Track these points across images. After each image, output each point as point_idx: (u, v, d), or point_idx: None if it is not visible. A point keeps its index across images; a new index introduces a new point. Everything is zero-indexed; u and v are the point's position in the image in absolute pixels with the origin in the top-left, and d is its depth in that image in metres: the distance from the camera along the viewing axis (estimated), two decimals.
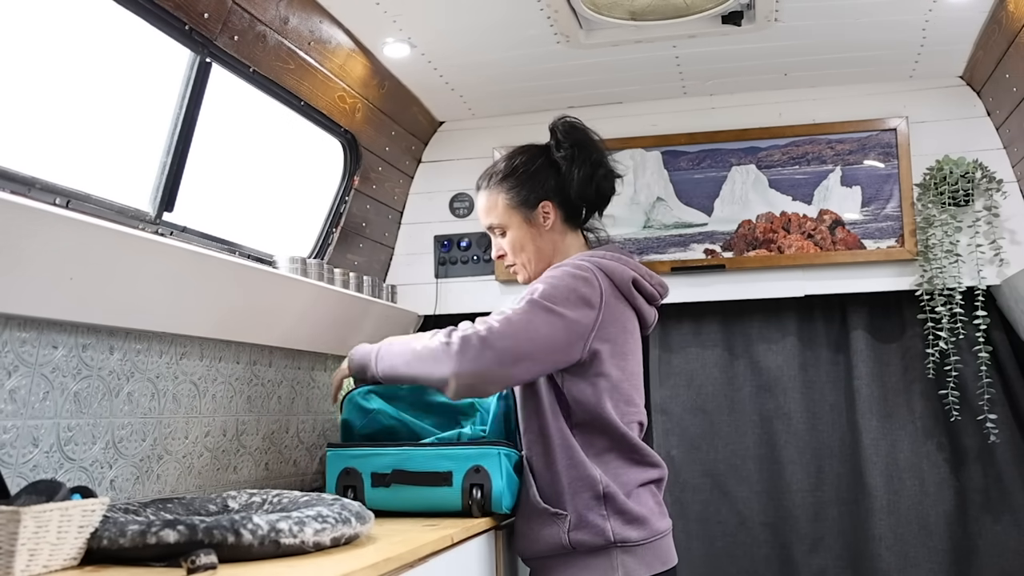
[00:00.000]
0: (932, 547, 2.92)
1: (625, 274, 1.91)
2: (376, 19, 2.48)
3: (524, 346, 1.77)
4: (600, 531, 1.81)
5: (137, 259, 1.85)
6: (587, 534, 1.82)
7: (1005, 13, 2.44)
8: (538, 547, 1.88)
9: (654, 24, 2.58)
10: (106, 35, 1.95)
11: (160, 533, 1.29)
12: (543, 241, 2.01)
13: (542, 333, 1.78)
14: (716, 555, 3.05)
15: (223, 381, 2.37)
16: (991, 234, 2.91)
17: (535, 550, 1.89)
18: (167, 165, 2.13)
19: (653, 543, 1.86)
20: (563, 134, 2.00)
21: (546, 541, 1.85)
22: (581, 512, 1.82)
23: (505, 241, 2.03)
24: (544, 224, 2.00)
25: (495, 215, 2.03)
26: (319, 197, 2.91)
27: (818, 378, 3.12)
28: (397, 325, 3.20)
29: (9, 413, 1.67)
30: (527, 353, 1.78)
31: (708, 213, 3.14)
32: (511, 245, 2.03)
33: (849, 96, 3.08)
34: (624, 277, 1.90)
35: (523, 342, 1.77)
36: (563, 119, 2.03)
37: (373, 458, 1.95)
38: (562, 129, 2.01)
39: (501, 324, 1.78)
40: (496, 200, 2.02)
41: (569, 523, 1.82)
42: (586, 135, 2.01)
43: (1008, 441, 2.92)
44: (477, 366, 1.75)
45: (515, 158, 2.05)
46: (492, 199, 2.03)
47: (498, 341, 1.75)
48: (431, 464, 1.93)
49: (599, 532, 1.81)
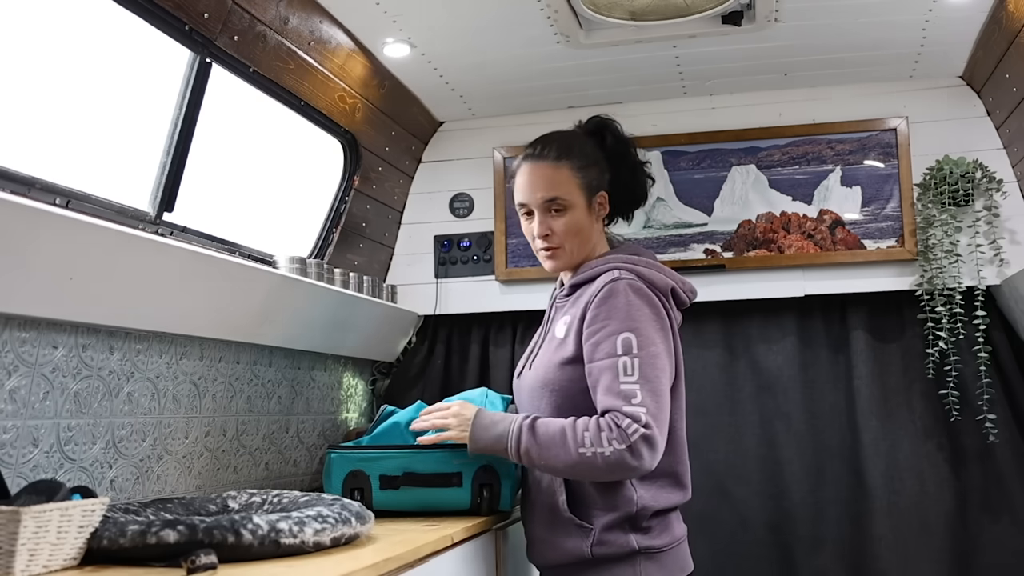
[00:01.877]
0: (932, 547, 2.92)
1: (666, 284, 1.87)
2: (376, 19, 2.48)
3: (666, 406, 1.76)
4: (624, 543, 1.80)
5: (137, 259, 1.85)
6: (611, 547, 1.80)
7: (1005, 13, 2.44)
8: (558, 556, 1.84)
9: (654, 24, 2.58)
10: (106, 35, 1.95)
11: (160, 533, 1.30)
12: (592, 232, 1.92)
13: (665, 382, 1.77)
14: (716, 555, 3.05)
15: (223, 381, 2.37)
16: (991, 234, 2.90)
17: (554, 559, 1.86)
18: (167, 165, 2.13)
19: (673, 549, 1.86)
20: (614, 134, 1.95)
21: (568, 551, 1.82)
22: (608, 527, 1.80)
23: (560, 221, 1.88)
24: (598, 214, 1.93)
25: (562, 190, 1.87)
26: (319, 197, 2.91)
27: (818, 378, 3.12)
28: (397, 325, 3.20)
29: (9, 413, 1.67)
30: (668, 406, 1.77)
31: (708, 213, 3.14)
32: (567, 227, 1.88)
33: (849, 96, 3.08)
34: (665, 288, 1.86)
35: (666, 407, 1.76)
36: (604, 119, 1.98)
37: (382, 461, 1.95)
38: (612, 130, 1.96)
39: (649, 408, 1.71)
40: (564, 175, 1.88)
41: (593, 537, 1.80)
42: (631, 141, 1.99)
43: (1008, 441, 2.92)
44: (653, 460, 1.71)
45: (575, 139, 1.94)
46: (560, 174, 1.87)
47: (660, 428, 1.71)
48: (440, 465, 1.93)
49: (623, 544, 1.80)
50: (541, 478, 1.88)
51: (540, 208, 1.88)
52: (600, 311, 1.78)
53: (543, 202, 1.88)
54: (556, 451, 1.72)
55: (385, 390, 3.32)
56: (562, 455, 1.72)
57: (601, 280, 1.83)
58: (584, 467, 1.71)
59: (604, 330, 1.77)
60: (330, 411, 2.98)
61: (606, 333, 1.76)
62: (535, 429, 1.76)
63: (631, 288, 1.80)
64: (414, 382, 3.29)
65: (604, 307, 1.78)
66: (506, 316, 3.29)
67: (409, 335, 3.33)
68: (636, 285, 1.80)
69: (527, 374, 1.93)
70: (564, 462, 1.72)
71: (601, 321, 1.78)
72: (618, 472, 1.71)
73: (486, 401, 2.04)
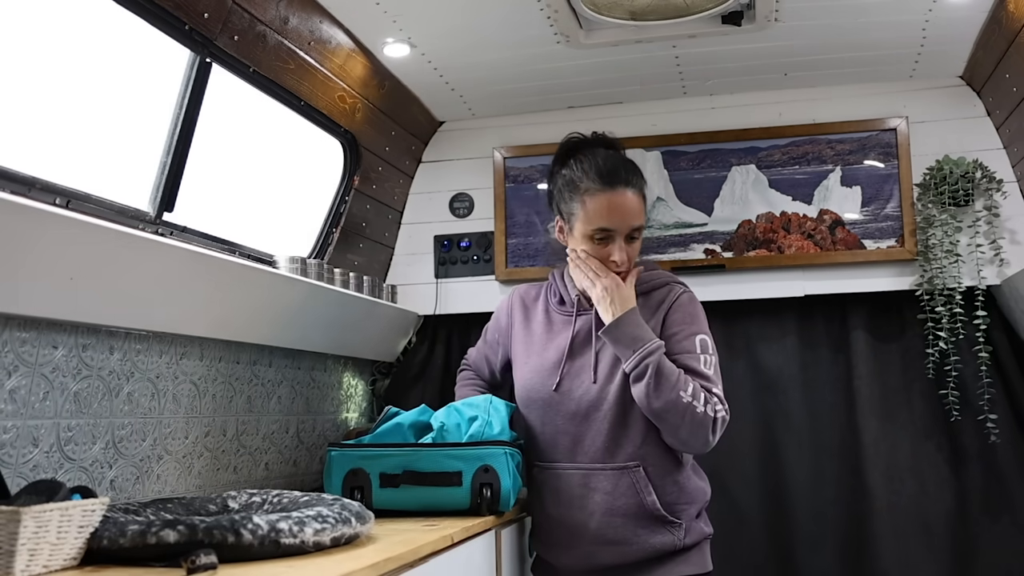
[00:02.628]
0: (932, 547, 2.91)
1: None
2: (376, 19, 2.48)
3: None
4: (702, 531, 2.05)
5: (137, 259, 1.85)
6: (695, 536, 2.02)
7: (1005, 13, 2.44)
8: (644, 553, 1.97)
9: (654, 24, 2.58)
10: (106, 35, 1.95)
11: (160, 533, 1.30)
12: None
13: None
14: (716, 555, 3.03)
15: (223, 381, 2.37)
16: (991, 234, 2.90)
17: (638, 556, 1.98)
18: (167, 165, 2.13)
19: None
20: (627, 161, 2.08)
21: (655, 547, 1.97)
22: (692, 519, 2.03)
23: (635, 246, 2.02)
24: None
25: (643, 218, 2.02)
26: (319, 197, 2.91)
27: (818, 378, 3.11)
28: (397, 325, 3.20)
29: (9, 413, 1.67)
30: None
31: (708, 213, 3.14)
32: (638, 251, 2.04)
33: (849, 96, 3.08)
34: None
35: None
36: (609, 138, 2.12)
37: (382, 459, 1.95)
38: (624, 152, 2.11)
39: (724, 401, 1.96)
40: (641, 204, 2.02)
41: (684, 530, 2.00)
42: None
43: (1008, 441, 2.92)
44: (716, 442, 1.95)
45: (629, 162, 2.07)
46: (639, 202, 2.01)
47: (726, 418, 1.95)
48: (441, 464, 1.93)
49: (702, 532, 2.05)
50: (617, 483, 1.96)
51: (626, 235, 1.99)
52: (680, 315, 2.00)
53: (632, 230, 1.99)
54: (663, 382, 1.88)
55: (385, 390, 3.32)
56: (665, 389, 1.87)
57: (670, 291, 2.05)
58: (673, 410, 1.88)
59: (685, 330, 1.98)
60: (330, 411, 2.98)
61: (687, 332, 1.98)
62: (662, 358, 1.90)
63: (695, 300, 2.06)
64: (414, 382, 3.29)
65: (682, 312, 2.01)
66: None
67: (409, 335, 3.33)
68: (696, 298, 2.07)
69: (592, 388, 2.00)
70: (666, 395, 1.88)
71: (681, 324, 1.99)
72: (694, 433, 1.90)
73: (490, 407, 2.04)
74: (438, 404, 2.15)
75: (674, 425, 1.89)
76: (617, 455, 1.96)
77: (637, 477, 1.95)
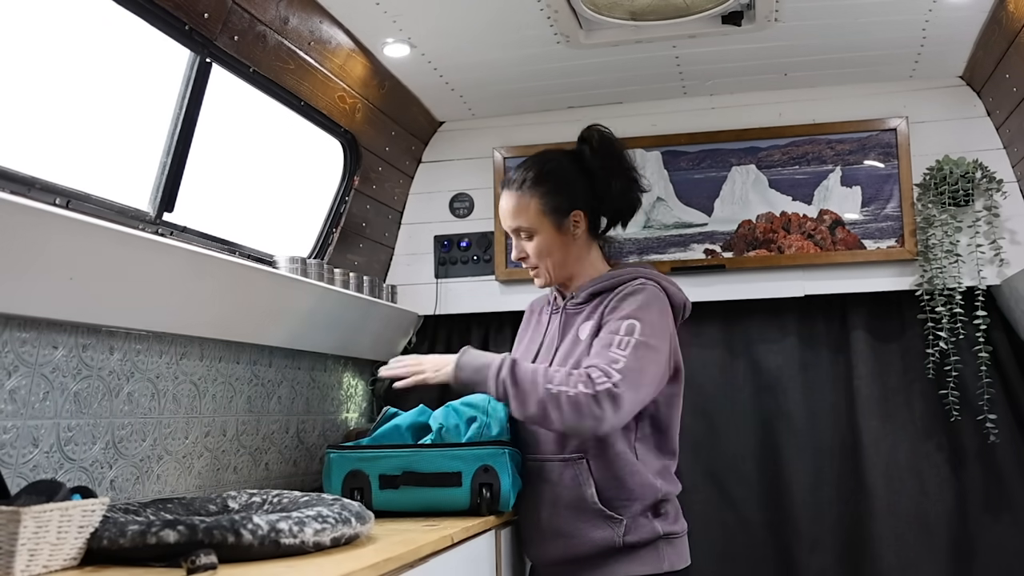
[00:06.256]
0: (932, 547, 2.92)
1: (680, 299, 2.04)
2: (376, 19, 2.48)
3: (645, 392, 1.88)
4: (651, 530, 1.94)
5: (137, 259, 1.85)
6: (639, 534, 1.93)
7: (1005, 13, 2.44)
8: (586, 548, 1.93)
9: (654, 24, 2.58)
10: (106, 35, 1.95)
11: (160, 533, 1.29)
12: (570, 249, 2.04)
13: (652, 372, 1.89)
14: (716, 555, 3.05)
15: (223, 381, 2.37)
16: (991, 234, 2.90)
17: (582, 551, 1.93)
18: (167, 165, 2.13)
19: (683, 536, 2.02)
20: (599, 144, 2.04)
21: (596, 543, 1.92)
22: (636, 517, 1.93)
23: (531, 245, 2.04)
24: (573, 232, 2.03)
25: (524, 219, 2.03)
26: (319, 197, 2.91)
27: (818, 378, 3.12)
28: (397, 325, 3.20)
29: (9, 413, 1.67)
30: (647, 397, 1.90)
31: (708, 213, 3.14)
32: (537, 250, 2.04)
33: (849, 96, 3.08)
34: (679, 302, 2.03)
35: (643, 388, 1.87)
36: (596, 128, 2.07)
37: (381, 460, 1.95)
38: (598, 139, 2.05)
39: (624, 375, 1.83)
40: (528, 204, 2.02)
41: (625, 527, 1.92)
42: (621, 148, 2.07)
43: (1008, 441, 2.92)
44: (615, 420, 1.83)
45: (548, 163, 2.06)
46: (523, 202, 2.03)
47: (628, 394, 1.83)
48: (440, 464, 1.93)
49: (650, 531, 1.94)
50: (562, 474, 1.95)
51: (513, 234, 2.07)
52: (620, 304, 1.94)
53: (512, 230, 2.07)
54: (527, 386, 1.85)
55: (385, 390, 3.31)
56: (531, 390, 1.84)
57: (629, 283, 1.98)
58: (549, 404, 1.82)
59: (616, 315, 1.92)
60: (330, 411, 2.98)
61: (616, 317, 1.92)
62: (516, 364, 1.90)
63: (652, 293, 1.96)
64: None
65: (624, 300, 1.94)
66: (506, 316, 3.28)
67: (409, 335, 3.33)
68: (657, 292, 1.97)
69: None
70: (533, 397, 1.84)
71: (616, 311, 1.93)
72: (577, 415, 1.81)
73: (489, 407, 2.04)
74: (437, 404, 2.15)
75: (556, 418, 1.83)
76: (566, 446, 1.96)
77: (580, 469, 1.93)
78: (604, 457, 1.93)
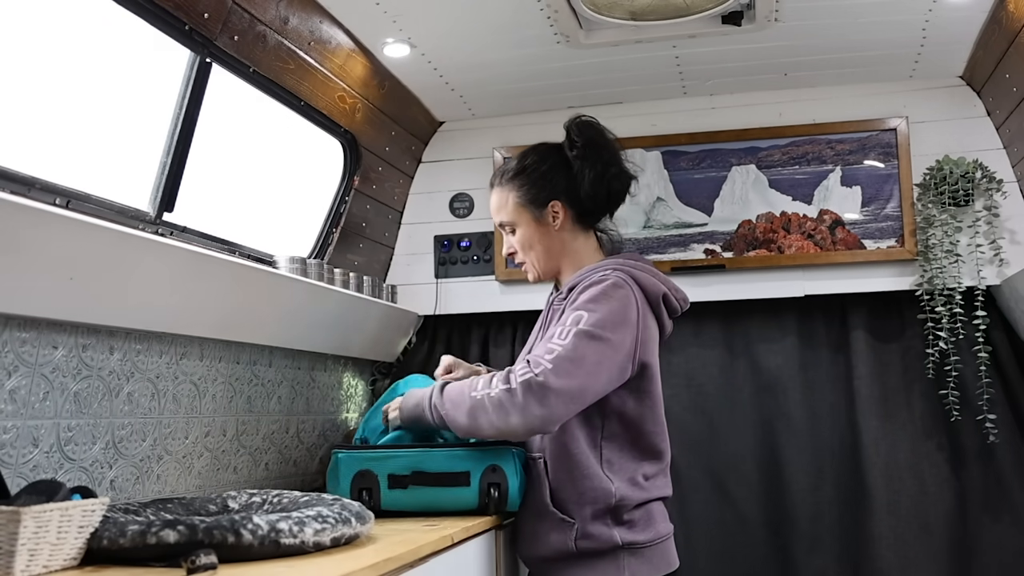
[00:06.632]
0: (932, 547, 2.92)
1: (658, 289, 1.92)
2: (376, 19, 2.48)
3: (582, 381, 1.77)
4: (607, 538, 1.84)
5: (137, 259, 1.85)
6: (594, 542, 1.84)
7: (1005, 13, 2.44)
8: (544, 550, 1.89)
9: (654, 24, 2.58)
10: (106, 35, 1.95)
11: (160, 533, 1.29)
12: (552, 240, 2.01)
13: (595, 362, 1.78)
14: (716, 555, 3.05)
15: (223, 381, 2.37)
16: (991, 234, 2.90)
17: (541, 552, 1.90)
18: (167, 165, 2.13)
19: (658, 545, 1.89)
20: (576, 133, 2.00)
21: (552, 545, 1.87)
22: (588, 521, 1.85)
23: (515, 239, 2.05)
24: (553, 224, 2.00)
25: (505, 213, 2.04)
26: (319, 197, 2.91)
27: (818, 378, 3.12)
28: (397, 325, 3.20)
29: (9, 413, 1.67)
30: (586, 386, 1.78)
31: (708, 213, 3.14)
32: (520, 243, 2.04)
33: (849, 96, 3.08)
34: (656, 292, 1.92)
35: (580, 377, 1.76)
36: (578, 118, 2.02)
37: (390, 460, 1.94)
38: (576, 128, 2.00)
39: (555, 363, 1.75)
40: (506, 198, 2.03)
41: (576, 531, 1.85)
42: (600, 134, 2.01)
43: (1008, 441, 2.92)
44: (543, 411, 1.74)
45: (527, 156, 2.05)
46: (503, 197, 2.04)
47: (556, 382, 1.74)
48: (449, 464, 1.93)
49: (606, 539, 1.84)
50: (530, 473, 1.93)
51: (501, 230, 2.09)
52: (578, 296, 1.88)
53: (499, 226, 2.08)
54: (456, 401, 1.83)
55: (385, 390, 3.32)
56: (460, 403, 1.82)
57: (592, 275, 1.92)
58: (477, 411, 1.78)
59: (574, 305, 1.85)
60: (330, 411, 2.98)
61: (573, 308, 1.85)
62: (444, 386, 1.89)
63: (612, 284, 1.86)
64: None
65: (582, 293, 1.89)
66: (506, 316, 3.29)
67: (409, 335, 3.33)
68: (620, 283, 1.87)
69: None
70: (462, 410, 1.82)
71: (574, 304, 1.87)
72: (501, 413, 1.76)
73: None
74: None
75: (486, 423, 1.78)
76: (532, 445, 1.94)
77: (539, 470, 1.91)
78: (560, 457, 1.88)
